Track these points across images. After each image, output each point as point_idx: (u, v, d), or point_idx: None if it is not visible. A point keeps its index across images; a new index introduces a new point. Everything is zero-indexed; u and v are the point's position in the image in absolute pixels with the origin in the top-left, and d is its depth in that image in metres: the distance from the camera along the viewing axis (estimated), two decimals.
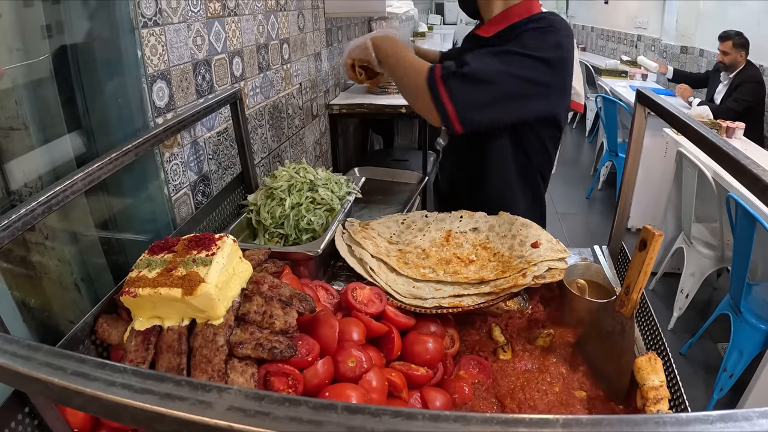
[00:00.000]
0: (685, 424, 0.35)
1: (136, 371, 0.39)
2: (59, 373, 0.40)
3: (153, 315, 0.94)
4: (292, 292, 1.00)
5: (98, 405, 0.38)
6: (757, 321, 2.76)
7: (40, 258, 1.32)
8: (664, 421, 0.35)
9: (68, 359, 0.42)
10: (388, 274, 1.33)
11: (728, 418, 0.35)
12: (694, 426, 0.35)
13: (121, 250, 1.46)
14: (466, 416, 0.33)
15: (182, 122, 1.28)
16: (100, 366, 0.40)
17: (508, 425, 0.33)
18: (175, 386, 0.36)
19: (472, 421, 0.33)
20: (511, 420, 0.34)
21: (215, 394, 0.35)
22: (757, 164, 0.89)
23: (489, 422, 0.33)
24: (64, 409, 0.91)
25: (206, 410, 0.34)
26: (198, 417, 0.33)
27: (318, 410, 0.33)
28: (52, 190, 0.92)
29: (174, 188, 1.64)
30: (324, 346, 0.99)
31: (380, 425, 0.32)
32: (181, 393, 0.35)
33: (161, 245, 1.02)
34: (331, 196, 1.46)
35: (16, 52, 1.24)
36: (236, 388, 0.35)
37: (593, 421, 0.34)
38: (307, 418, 0.32)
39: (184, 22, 1.67)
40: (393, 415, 0.32)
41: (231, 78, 2.01)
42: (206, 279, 0.89)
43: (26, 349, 0.44)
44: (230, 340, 0.90)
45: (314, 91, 3.09)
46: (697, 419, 0.35)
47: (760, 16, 5.35)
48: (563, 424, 0.34)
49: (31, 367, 0.42)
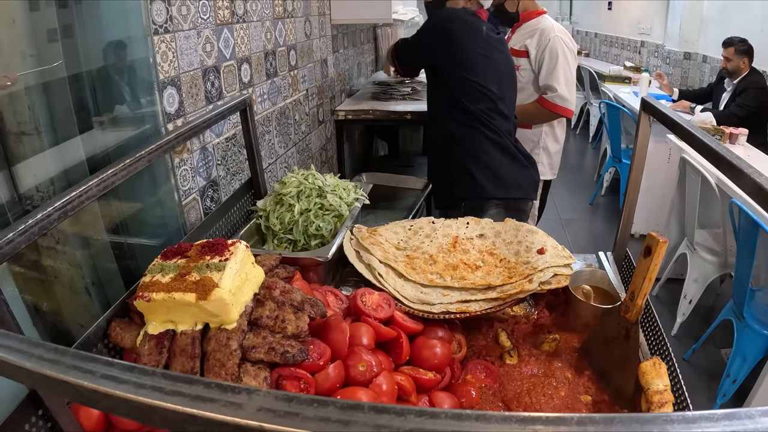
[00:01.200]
0: (691, 421, 0.37)
1: (165, 374, 0.40)
2: (88, 377, 0.42)
3: (166, 319, 0.96)
4: (304, 297, 1.02)
5: (128, 407, 0.40)
6: (760, 327, 2.76)
7: (52, 262, 1.33)
8: (672, 419, 0.37)
9: (96, 362, 0.43)
10: (396, 279, 1.34)
11: (732, 416, 0.37)
12: (700, 423, 0.37)
13: (131, 255, 1.47)
14: (486, 415, 0.35)
15: (194, 128, 1.30)
16: (128, 369, 0.42)
17: (525, 423, 0.35)
18: (205, 388, 0.38)
19: (492, 420, 0.35)
20: (529, 418, 0.35)
21: (245, 396, 0.36)
22: (759, 173, 0.90)
23: (508, 420, 0.35)
24: (78, 411, 0.92)
25: (237, 411, 0.35)
26: (230, 418, 0.35)
27: (345, 410, 0.34)
28: (68, 196, 0.94)
29: (183, 193, 1.66)
30: (335, 350, 1.00)
31: (406, 424, 0.33)
32: (212, 395, 0.37)
33: (174, 250, 1.04)
34: (340, 202, 1.48)
35: (29, 58, 1.26)
36: (265, 390, 0.36)
37: (606, 419, 0.35)
38: (336, 417, 0.34)
39: (194, 29, 1.70)
40: (417, 415, 0.34)
41: (239, 84, 2.03)
42: (220, 284, 0.91)
43: (53, 352, 0.45)
44: (243, 345, 0.91)
45: (320, 97, 3.11)
46: (702, 417, 0.37)
47: (763, 23, 5.36)
48: (578, 422, 0.35)
49: (59, 371, 0.43)
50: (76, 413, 0.92)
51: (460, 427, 0.34)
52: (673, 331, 3.57)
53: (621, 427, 0.35)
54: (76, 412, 0.92)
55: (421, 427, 0.33)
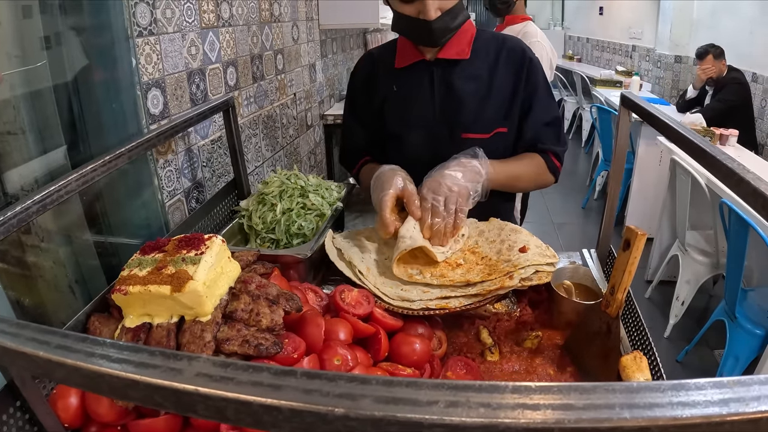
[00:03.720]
0: (635, 391, 0.36)
1: (114, 344, 0.41)
2: (44, 347, 0.43)
3: (143, 312, 0.96)
4: (279, 291, 1.02)
5: (79, 375, 0.40)
6: (752, 326, 2.76)
7: (36, 259, 1.35)
8: (614, 389, 0.37)
9: (53, 335, 0.44)
10: (377, 277, 1.34)
11: (680, 387, 0.37)
12: (644, 394, 0.36)
13: (114, 254, 1.48)
14: (417, 382, 0.35)
15: (175, 128, 1.30)
16: (81, 339, 0.43)
17: (458, 390, 0.35)
18: (149, 356, 0.38)
19: (423, 387, 0.35)
20: (462, 386, 0.36)
21: (185, 362, 0.37)
22: (746, 168, 0.89)
23: (440, 388, 0.35)
24: (55, 404, 0.92)
25: (176, 376, 0.36)
26: (168, 382, 0.35)
27: (278, 375, 0.35)
28: (47, 190, 0.95)
29: (168, 194, 1.66)
30: (310, 344, 1.00)
31: (336, 388, 0.34)
32: (155, 362, 0.38)
33: (152, 245, 1.04)
34: (322, 201, 1.48)
35: (14, 59, 1.27)
36: (206, 357, 0.37)
37: (543, 388, 0.36)
38: (268, 382, 0.34)
39: (179, 32, 1.71)
40: (348, 380, 0.35)
41: (225, 87, 2.04)
42: (195, 276, 0.91)
43: (15, 327, 0.46)
44: (217, 337, 0.92)
45: (309, 101, 3.12)
46: (648, 388, 0.37)
47: (753, 26, 5.39)
48: (512, 390, 0.35)
49: (18, 342, 0.44)
50: (54, 405, 0.92)
51: (389, 392, 0.34)
52: (666, 332, 3.57)
53: (559, 396, 0.36)
54: (54, 404, 0.92)
55: (350, 392, 0.34)
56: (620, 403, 0.35)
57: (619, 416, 0.34)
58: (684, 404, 0.34)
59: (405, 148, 1.60)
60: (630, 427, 0.34)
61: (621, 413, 0.34)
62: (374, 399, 0.35)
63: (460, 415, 0.34)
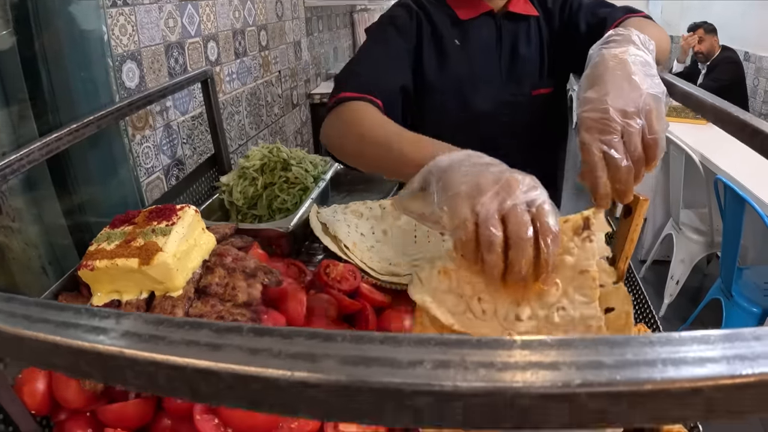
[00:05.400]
0: (679, 344, 0.29)
1: (38, 302, 0.34)
2: None
3: (112, 289, 0.90)
4: (258, 264, 0.95)
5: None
6: (749, 304, 2.73)
7: (7, 241, 1.29)
8: (652, 342, 0.28)
9: None
10: (364, 252, 1.28)
11: (734, 337, 0.27)
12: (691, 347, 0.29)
13: (89, 233, 1.41)
14: (396, 337, 0.29)
15: (149, 97, 1.24)
16: (7, 300, 0.36)
17: (449, 346, 0.28)
18: (74, 314, 0.32)
19: (403, 342, 0.28)
20: (454, 341, 0.29)
21: (113, 321, 0.30)
22: (744, 111, 0.83)
23: (425, 344, 0.28)
24: (21, 390, 0.87)
25: (99, 336, 0.29)
26: (89, 344, 0.29)
27: (221, 333, 0.28)
28: (8, 159, 0.90)
29: (146, 171, 1.59)
30: (290, 320, 0.94)
31: (291, 347, 0.27)
32: (79, 320, 0.31)
33: (122, 218, 0.98)
34: (305, 174, 1.41)
35: None
36: (137, 314, 0.31)
37: (540, 342, 0.29)
38: (206, 341, 0.28)
39: (155, 3, 1.64)
40: (308, 337, 0.28)
41: (206, 62, 1.97)
42: (164, 248, 0.85)
43: None
44: (189, 313, 0.85)
45: (294, 79, 3.04)
46: (694, 339, 0.29)
47: (744, 7, 5.34)
48: (522, 345, 0.29)
49: None
50: (20, 392, 0.86)
51: (359, 351, 0.28)
52: (661, 312, 3.54)
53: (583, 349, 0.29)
54: (20, 391, 0.86)
55: (310, 351, 0.27)
56: (663, 359, 0.26)
57: (664, 375, 0.25)
58: (743, 358, 0.25)
59: (465, 108, 1.41)
60: (677, 389, 0.25)
61: (665, 371, 0.25)
62: (340, 360, 0.26)
63: (452, 379, 0.26)
